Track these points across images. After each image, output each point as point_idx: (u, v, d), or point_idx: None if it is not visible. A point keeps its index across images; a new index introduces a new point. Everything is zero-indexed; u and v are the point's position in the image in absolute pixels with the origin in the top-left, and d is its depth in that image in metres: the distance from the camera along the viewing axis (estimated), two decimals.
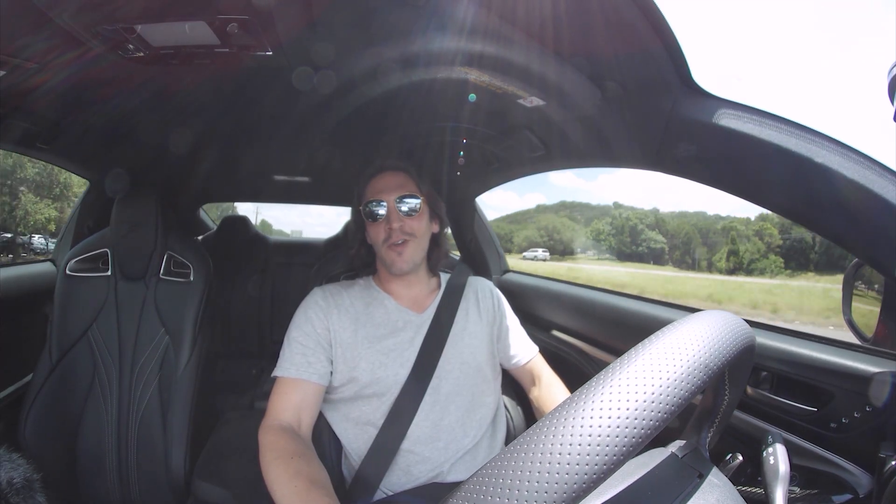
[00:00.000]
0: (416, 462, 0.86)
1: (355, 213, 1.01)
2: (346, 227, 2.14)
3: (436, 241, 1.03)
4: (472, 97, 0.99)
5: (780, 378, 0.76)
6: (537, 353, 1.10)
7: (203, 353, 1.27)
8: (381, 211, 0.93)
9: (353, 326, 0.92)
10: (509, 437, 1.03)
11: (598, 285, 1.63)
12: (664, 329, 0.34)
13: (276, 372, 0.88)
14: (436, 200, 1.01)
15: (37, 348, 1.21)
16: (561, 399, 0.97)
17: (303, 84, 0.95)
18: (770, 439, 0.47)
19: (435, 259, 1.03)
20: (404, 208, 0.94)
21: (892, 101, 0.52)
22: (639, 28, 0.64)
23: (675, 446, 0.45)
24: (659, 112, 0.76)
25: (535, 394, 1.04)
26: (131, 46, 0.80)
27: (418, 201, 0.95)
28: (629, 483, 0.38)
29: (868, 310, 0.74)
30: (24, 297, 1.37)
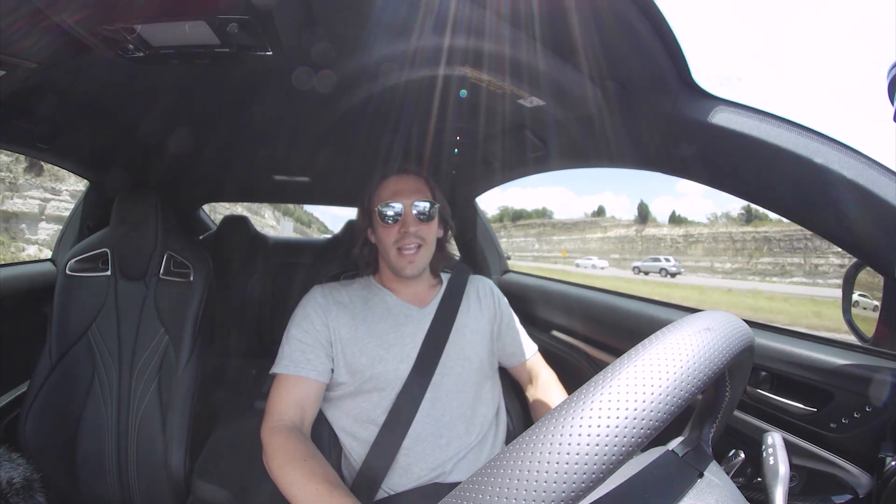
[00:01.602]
0: (417, 461, 0.86)
1: (362, 212, 1.01)
2: (347, 227, 2.15)
3: (440, 246, 1.03)
4: (464, 93, 0.99)
5: (780, 378, 0.76)
6: (536, 351, 1.10)
7: (203, 353, 1.27)
8: (398, 213, 0.93)
9: (353, 322, 0.92)
10: (509, 437, 1.03)
11: None
12: (664, 330, 0.34)
13: (275, 369, 0.88)
14: (445, 206, 1.02)
15: (36, 348, 1.21)
16: (557, 400, 0.97)
17: (303, 84, 0.95)
18: (770, 440, 0.46)
19: (437, 262, 1.03)
20: (422, 214, 0.94)
21: (892, 102, 0.52)
22: (639, 28, 0.64)
23: (675, 444, 0.45)
24: (659, 112, 0.76)
25: (532, 393, 1.05)
26: (131, 46, 0.80)
27: (434, 208, 0.95)
28: (629, 483, 0.38)
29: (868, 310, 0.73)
30: (24, 296, 1.37)
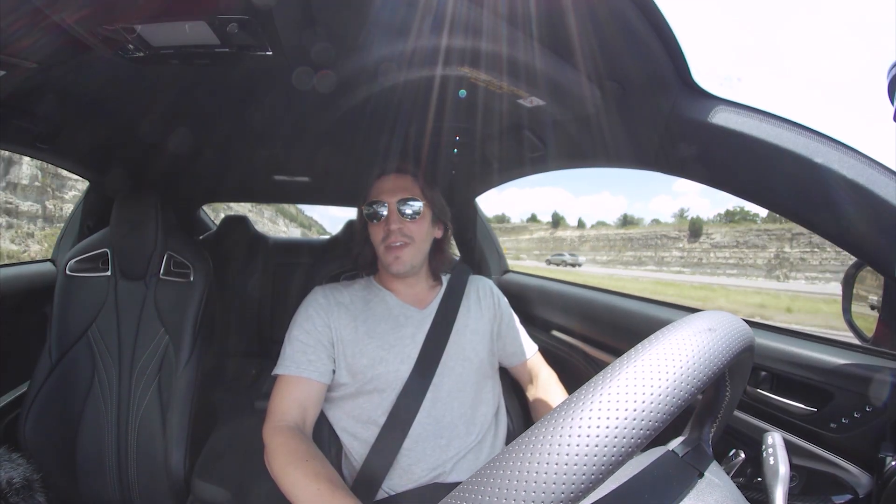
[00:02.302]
0: (417, 461, 0.86)
1: (360, 213, 1.02)
2: (347, 227, 2.14)
3: (439, 247, 1.03)
4: (463, 93, 0.99)
5: (780, 378, 0.75)
6: (536, 351, 1.10)
7: (203, 353, 1.27)
8: (382, 212, 0.94)
9: (354, 323, 0.92)
10: (509, 437, 1.03)
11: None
12: (663, 330, 0.34)
13: (278, 370, 0.88)
14: (441, 206, 1.02)
15: (36, 348, 1.21)
16: (557, 400, 0.97)
17: (303, 84, 0.95)
18: (770, 440, 0.46)
19: (437, 263, 1.03)
20: (407, 211, 0.94)
21: (892, 101, 0.52)
22: (638, 27, 0.63)
23: (675, 444, 0.45)
24: (658, 112, 0.76)
25: (532, 393, 1.05)
26: (131, 46, 0.80)
27: (420, 205, 0.95)
28: (629, 483, 0.38)
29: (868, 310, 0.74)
30: (24, 296, 1.37)
